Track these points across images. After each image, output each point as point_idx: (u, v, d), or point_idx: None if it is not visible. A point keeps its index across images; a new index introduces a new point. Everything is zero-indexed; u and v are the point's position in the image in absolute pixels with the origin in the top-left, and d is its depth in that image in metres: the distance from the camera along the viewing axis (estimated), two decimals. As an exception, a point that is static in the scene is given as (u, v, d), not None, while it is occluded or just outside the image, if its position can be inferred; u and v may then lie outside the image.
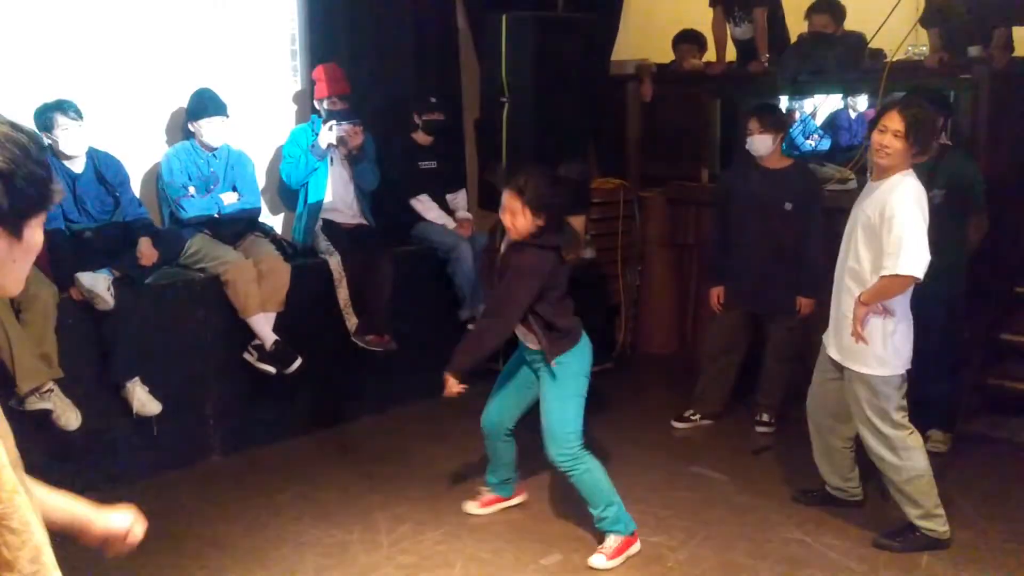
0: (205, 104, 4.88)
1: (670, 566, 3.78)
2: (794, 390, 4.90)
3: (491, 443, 4.13)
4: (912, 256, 3.50)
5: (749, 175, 5.01)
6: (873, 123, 3.76)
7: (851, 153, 6.98)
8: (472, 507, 4.24)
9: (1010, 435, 4.98)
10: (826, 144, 7.59)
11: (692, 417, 5.30)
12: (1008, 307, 5.35)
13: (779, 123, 4.96)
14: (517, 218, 3.58)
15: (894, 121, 3.61)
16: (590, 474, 3.74)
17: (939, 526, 3.84)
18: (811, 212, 4.88)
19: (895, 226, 3.52)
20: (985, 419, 5.21)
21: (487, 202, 6.17)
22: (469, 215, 5.86)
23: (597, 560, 3.74)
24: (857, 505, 4.18)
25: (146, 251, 4.51)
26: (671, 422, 5.31)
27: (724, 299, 5.15)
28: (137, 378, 4.43)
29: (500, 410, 4.05)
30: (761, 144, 4.90)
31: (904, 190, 3.59)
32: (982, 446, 4.93)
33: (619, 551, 3.77)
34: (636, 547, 3.84)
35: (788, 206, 4.87)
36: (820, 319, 4.59)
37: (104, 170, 4.57)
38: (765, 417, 5.10)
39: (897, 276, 3.52)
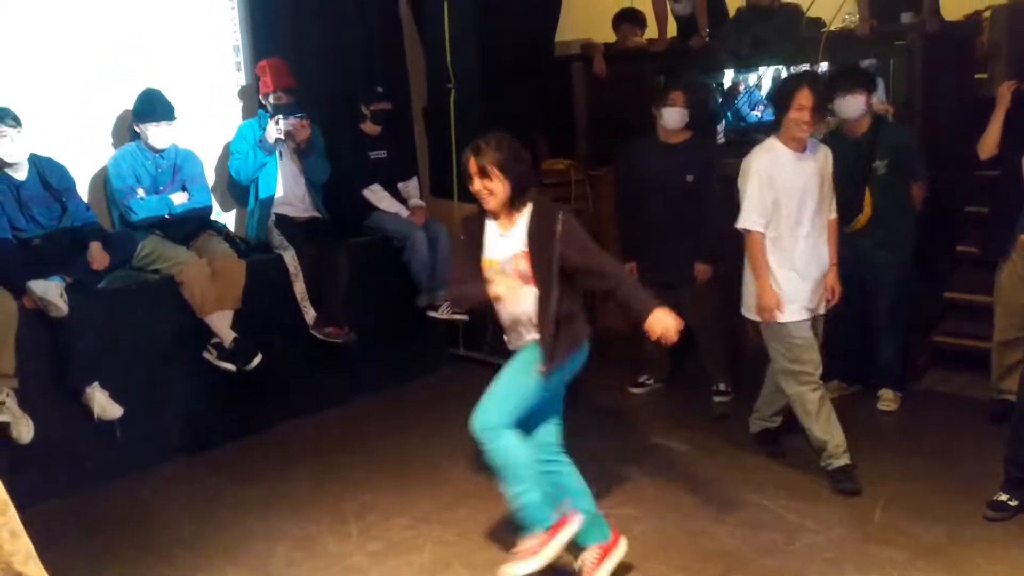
0: (151, 107, 4.86)
1: (635, 535, 3.86)
2: (750, 353, 5.04)
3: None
4: None
5: (651, 151, 5.10)
6: (784, 101, 4.00)
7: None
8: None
9: (957, 390, 5.13)
10: (771, 114, 7.70)
11: (647, 382, 5.45)
12: (951, 267, 5.50)
13: (698, 103, 5.07)
14: (495, 183, 3.28)
15: (809, 99, 3.93)
16: (507, 452, 3.30)
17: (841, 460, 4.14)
18: (711, 183, 5.01)
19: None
20: (933, 375, 5.37)
21: (439, 190, 6.22)
22: (422, 203, 5.89)
23: (509, 570, 3.25)
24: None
25: (97, 255, 4.49)
26: (628, 388, 5.46)
27: (642, 275, 5.24)
28: (96, 383, 4.42)
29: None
30: (679, 119, 5.00)
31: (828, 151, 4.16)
32: (931, 402, 5.09)
33: (535, 551, 3.26)
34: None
35: (690, 178, 4.98)
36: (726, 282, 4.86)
37: (48, 176, 4.54)
38: (721, 386, 5.20)
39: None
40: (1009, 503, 3.83)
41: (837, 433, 4.15)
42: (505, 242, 3.37)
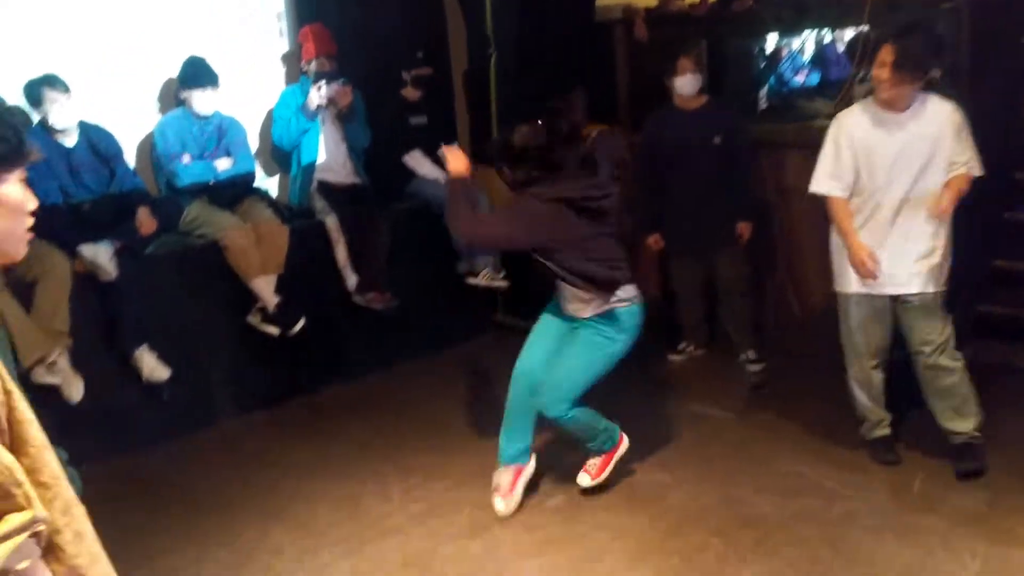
0: (195, 74, 4.91)
1: (671, 502, 3.90)
2: (781, 320, 5.02)
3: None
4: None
5: (672, 119, 5.05)
6: (866, 57, 3.80)
7: (839, 87, 6.98)
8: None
9: (1002, 360, 5.06)
10: (815, 78, 7.59)
11: (686, 349, 5.44)
12: (996, 234, 5.41)
13: (705, 64, 4.99)
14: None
15: (890, 54, 3.64)
16: (577, 418, 3.80)
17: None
18: (738, 142, 4.96)
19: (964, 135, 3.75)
20: (978, 345, 5.30)
21: (479, 156, 6.21)
22: (462, 169, 5.89)
23: (584, 479, 3.95)
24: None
25: (145, 220, 4.58)
26: (667, 356, 5.46)
27: (670, 246, 5.26)
28: (145, 345, 4.52)
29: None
30: (693, 84, 4.94)
31: (943, 107, 3.75)
32: (975, 372, 5.01)
33: (604, 465, 3.97)
34: (624, 446, 4.02)
35: (717, 140, 4.93)
36: (759, 249, 4.90)
37: (97, 142, 4.62)
38: (751, 355, 5.17)
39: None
40: (1052, 473, 3.80)
41: (880, 406, 4.12)
42: None
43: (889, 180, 3.77)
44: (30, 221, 1.58)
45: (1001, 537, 3.48)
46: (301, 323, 4.90)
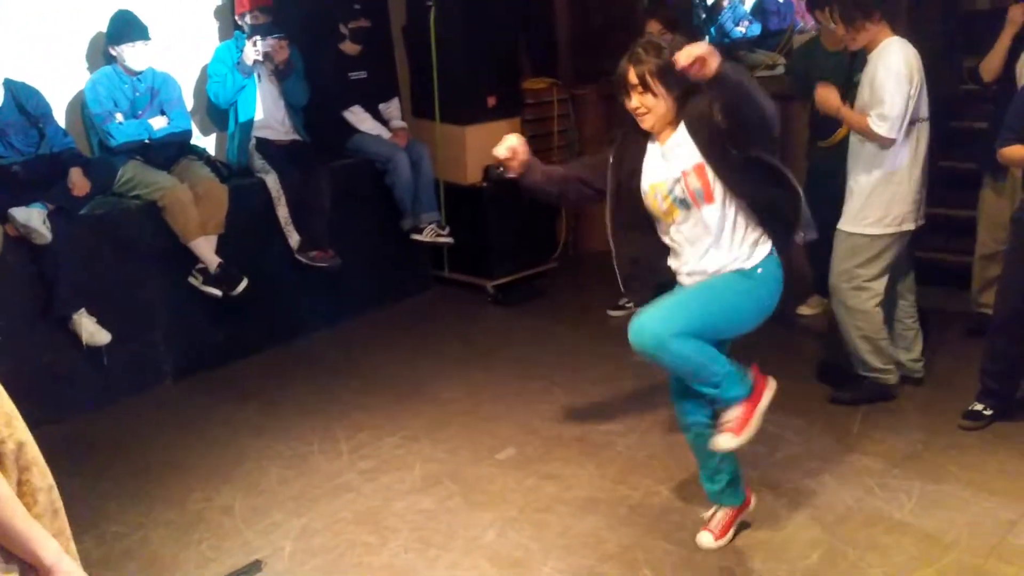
0: (126, 28, 4.76)
1: (619, 450, 3.96)
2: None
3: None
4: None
5: None
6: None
7: (780, 37, 7.03)
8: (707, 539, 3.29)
9: (937, 304, 5.19)
10: (756, 29, 7.63)
11: (627, 305, 5.48)
12: (933, 182, 5.51)
13: (677, 23, 4.95)
14: (654, 98, 2.87)
15: (832, 10, 3.95)
16: (682, 350, 2.88)
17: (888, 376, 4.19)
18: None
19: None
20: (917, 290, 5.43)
21: (420, 110, 6.16)
22: (404, 124, 5.84)
23: (725, 440, 2.96)
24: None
25: (78, 181, 4.45)
26: (607, 311, 5.48)
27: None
28: (83, 309, 4.43)
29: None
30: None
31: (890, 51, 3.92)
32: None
33: (746, 419, 2.97)
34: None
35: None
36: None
37: (24, 102, 4.47)
38: None
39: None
40: (984, 412, 3.94)
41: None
42: (667, 163, 2.96)
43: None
44: None
45: (934, 475, 3.61)
46: (244, 284, 4.84)
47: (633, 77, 2.87)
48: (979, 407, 3.95)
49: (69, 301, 4.40)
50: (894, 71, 3.86)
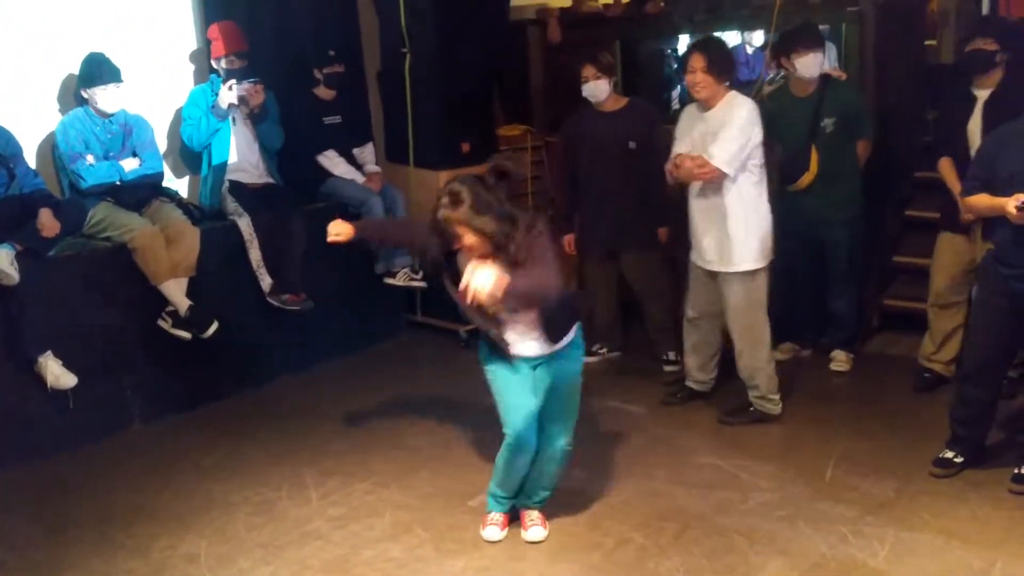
0: (98, 70, 4.75)
1: (593, 495, 3.93)
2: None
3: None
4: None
5: (590, 120, 5.08)
6: (683, 66, 4.28)
7: (749, 88, 7.13)
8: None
9: (907, 352, 5.24)
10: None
11: (600, 351, 5.46)
12: (899, 231, 5.60)
13: (612, 67, 5.03)
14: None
15: (698, 61, 4.15)
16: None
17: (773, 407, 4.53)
18: (654, 147, 4.95)
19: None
20: (884, 337, 5.49)
21: (394, 155, 6.18)
22: (378, 168, 5.85)
23: (537, 533, 3.63)
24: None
25: (47, 222, 4.40)
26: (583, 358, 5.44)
27: (583, 247, 5.34)
28: (49, 352, 4.36)
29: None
30: (599, 89, 4.97)
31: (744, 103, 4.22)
32: (882, 363, 5.20)
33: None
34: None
35: (632, 144, 4.97)
36: (678, 250, 4.97)
37: (-6, 142, 4.43)
38: (670, 355, 5.23)
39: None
40: (954, 460, 3.95)
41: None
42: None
43: None
44: None
45: (908, 522, 3.61)
46: (214, 327, 4.79)
47: (454, 228, 3.10)
48: (949, 454, 3.97)
49: (35, 343, 4.34)
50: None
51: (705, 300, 4.52)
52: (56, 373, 4.37)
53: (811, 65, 4.72)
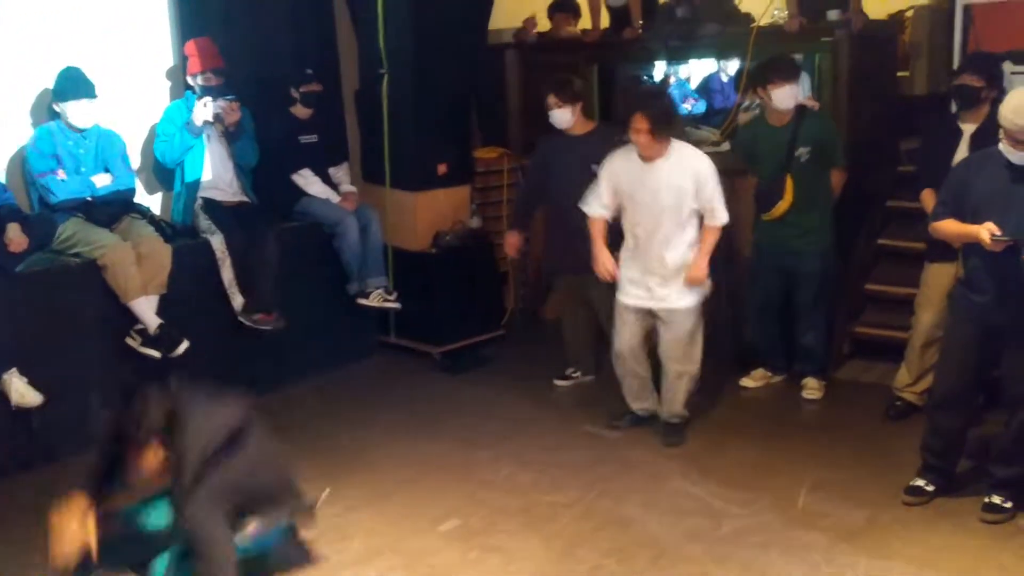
0: (71, 85, 4.71)
1: (564, 523, 3.90)
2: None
3: None
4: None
5: (559, 143, 5.11)
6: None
7: (725, 115, 7.19)
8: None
9: (878, 379, 5.27)
10: (702, 107, 7.81)
11: (573, 375, 5.45)
12: (870, 260, 5.65)
13: (575, 95, 5.05)
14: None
15: (641, 122, 4.28)
16: None
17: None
18: None
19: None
20: (855, 365, 5.52)
21: (371, 175, 6.16)
22: (353, 188, 5.83)
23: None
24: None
25: (15, 237, 4.35)
26: (553, 381, 5.44)
27: (550, 271, 5.50)
28: (14, 369, 4.29)
29: None
30: (561, 118, 5.01)
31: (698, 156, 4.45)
32: (853, 391, 5.22)
33: None
34: None
35: (596, 168, 4.89)
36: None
37: (-36, 155, 4.37)
38: None
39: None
40: (925, 488, 3.97)
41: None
42: None
43: (647, 217, 4.46)
44: None
45: (880, 551, 3.61)
46: (184, 346, 4.73)
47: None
48: (921, 483, 3.99)
49: (0, 360, 4.26)
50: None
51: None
52: (21, 391, 4.30)
53: (786, 97, 4.77)
